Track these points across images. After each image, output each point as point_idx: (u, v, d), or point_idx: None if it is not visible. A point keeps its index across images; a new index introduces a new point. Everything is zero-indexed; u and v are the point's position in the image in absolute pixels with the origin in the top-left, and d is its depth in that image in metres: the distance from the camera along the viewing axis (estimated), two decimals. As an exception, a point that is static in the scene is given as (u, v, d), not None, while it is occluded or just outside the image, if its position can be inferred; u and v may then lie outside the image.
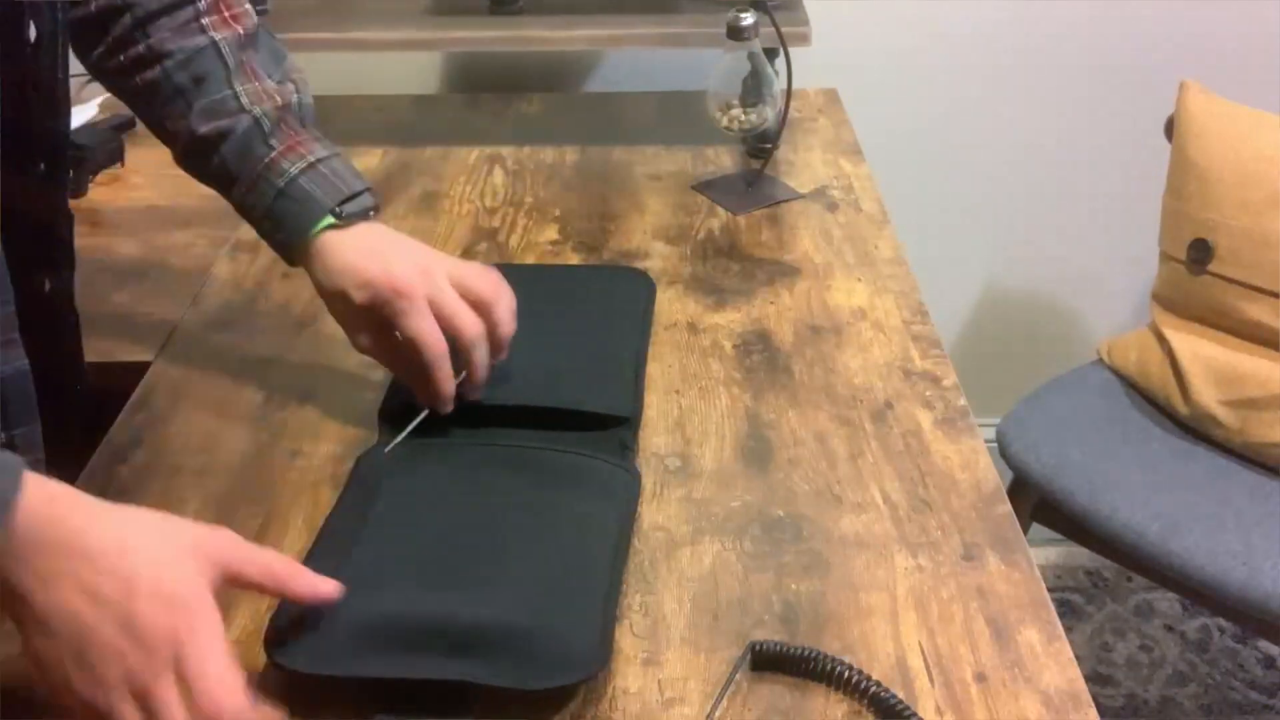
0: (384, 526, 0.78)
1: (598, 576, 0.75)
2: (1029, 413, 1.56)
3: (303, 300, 1.08)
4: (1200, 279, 1.50)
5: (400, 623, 0.70)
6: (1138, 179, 1.72)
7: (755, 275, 1.13)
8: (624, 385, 0.94)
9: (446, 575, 0.74)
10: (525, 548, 0.76)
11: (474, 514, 0.80)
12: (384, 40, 1.39)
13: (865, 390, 0.97)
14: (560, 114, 1.52)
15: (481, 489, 0.82)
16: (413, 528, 0.78)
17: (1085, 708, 0.69)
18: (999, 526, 0.83)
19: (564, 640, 0.70)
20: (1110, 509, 1.42)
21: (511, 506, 0.80)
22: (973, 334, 1.98)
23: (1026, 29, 1.72)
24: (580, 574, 0.75)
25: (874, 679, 0.70)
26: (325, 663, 0.68)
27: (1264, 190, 1.44)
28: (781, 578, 0.79)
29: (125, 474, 0.88)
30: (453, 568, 0.75)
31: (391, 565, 0.75)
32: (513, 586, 0.73)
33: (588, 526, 0.79)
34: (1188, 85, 1.54)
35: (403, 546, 0.77)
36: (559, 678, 0.68)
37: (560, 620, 0.71)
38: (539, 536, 0.78)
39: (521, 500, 0.81)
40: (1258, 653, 1.92)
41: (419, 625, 0.70)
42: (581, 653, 0.69)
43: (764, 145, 1.34)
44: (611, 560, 0.77)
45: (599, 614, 0.72)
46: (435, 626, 0.70)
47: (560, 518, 0.80)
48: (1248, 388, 1.44)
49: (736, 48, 1.22)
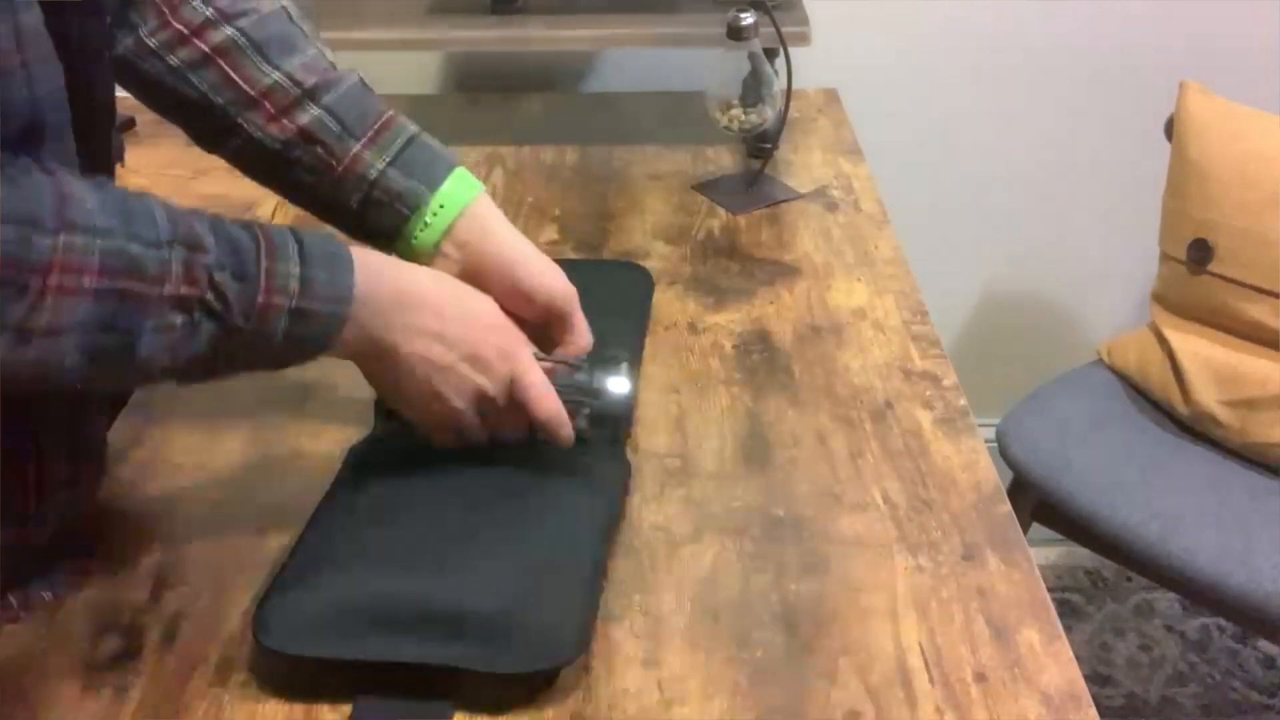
0: (370, 511, 0.79)
1: (581, 564, 0.76)
2: (1029, 413, 1.56)
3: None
4: (1200, 279, 1.50)
5: (382, 605, 0.71)
6: (1138, 179, 1.72)
7: (755, 275, 1.13)
8: None
9: (430, 559, 0.74)
10: (508, 533, 0.77)
11: (459, 500, 0.80)
12: (384, 40, 1.39)
13: (865, 390, 0.97)
14: (560, 114, 1.52)
15: (468, 476, 0.82)
16: (398, 512, 0.79)
17: (1085, 708, 0.69)
18: (999, 526, 0.83)
19: (542, 625, 0.70)
20: (1110, 509, 1.42)
21: (498, 493, 0.80)
22: (973, 334, 1.98)
23: (1026, 29, 1.72)
24: (564, 561, 0.75)
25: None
26: (308, 644, 0.69)
27: (1264, 190, 1.44)
28: (781, 578, 0.79)
29: (125, 474, 0.88)
30: (437, 552, 0.75)
31: (376, 549, 0.76)
32: (495, 571, 0.73)
33: (574, 514, 0.80)
34: (1188, 85, 1.54)
35: (388, 531, 0.77)
36: (536, 662, 0.69)
37: (540, 605, 0.71)
38: (524, 522, 0.78)
39: (508, 487, 0.81)
40: (1258, 653, 1.92)
41: (401, 608, 0.70)
42: (560, 639, 0.70)
43: (764, 145, 1.34)
44: (597, 548, 0.78)
45: (581, 601, 0.73)
46: (417, 610, 0.70)
47: (546, 504, 0.80)
48: (1248, 388, 1.44)
49: (736, 48, 1.22)
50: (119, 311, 0.64)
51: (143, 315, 0.65)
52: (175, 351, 0.67)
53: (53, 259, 0.62)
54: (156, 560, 0.80)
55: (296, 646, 0.69)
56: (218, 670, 0.72)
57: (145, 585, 0.78)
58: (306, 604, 0.71)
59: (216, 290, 0.67)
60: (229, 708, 0.70)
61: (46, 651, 0.74)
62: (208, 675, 0.72)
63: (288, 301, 0.69)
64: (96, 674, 0.72)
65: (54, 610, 0.76)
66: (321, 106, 0.83)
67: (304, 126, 0.83)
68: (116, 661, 0.73)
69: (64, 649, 0.74)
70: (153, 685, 0.71)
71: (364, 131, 0.84)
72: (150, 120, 1.38)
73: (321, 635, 0.70)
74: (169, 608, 0.77)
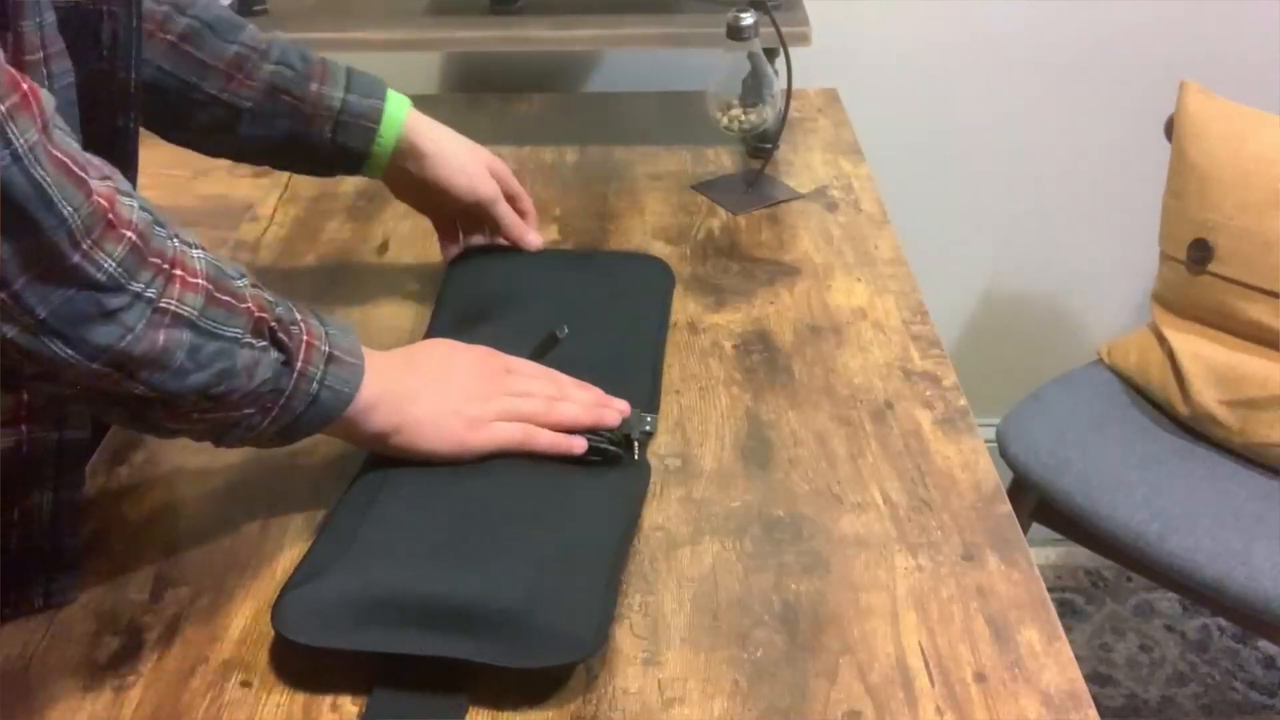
0: (391, 506, 0.79)
1: (600, 561, 0.76)
2: (1029, 413, 1.56)
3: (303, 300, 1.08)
4: (1200, 279, 1.50)
5: (402, 598, 0.71)
6: (1138, 179, 1.72)
7: (755, 275, 1.13)
8: (642, 381, 0.94)
9: (450, 554, 0.75)
10: (529, 530, 0.77)
11: (481, 497, 0.80)
12: (384, 40, 1.39)
13: (865, 390, 0.97)
14: (560, 114, 1.52)
15: (491, 473, 0.82)
16: (420, 508, 0.79)
17: (1085, 708, 0.70)
18: (999, 526, 0.83)
19: (560, 621, 0.70)
20: (1110, 509, 1.42)
21: (519, 491, 0.81)
22: (973, 334, 1.98)
23: (1026, 29, 1.72)
24: (583, 558, 0.76)
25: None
26: (327, 635, 0.70)
27: (1264, 190, 1.44)
28: (781, 578, 0.79)
29: (125, 474, 0.88)
30: (457, 547, 0.75)
31: (397, 543, 0.76)
32: (514, 566, 0.73)
33: (594, 513, 0.80)
34: (1188, 85, 1.54)
35: (409, 525, 0.77)
36: (553, 657, 0.69)
37: (558, 601, 0.72)
38: (544, 520, 0.78)
39: (529, 486, 0.81)
40: (1258, 653, 1.92)
41: (420, 601, 0.71)
42: (578, 635, 0.70)
43: (764, 145, 1.34)
44: (616, 547, 0.78)
45: (599, 598, 0.73)
46: (435, 603, 0.71)
47: (566, 503, 0.80)
48: (1248, 388, 1.44)
49: (736, 48, 1.22)
50: (225, 319, 0.68)
51: (237, 327, 0.69)
52: (252, 374, 0.70)
53: (175, 254, 0.66)
54: (156, 560, 0.80)
55: (317, 639, 0.70)
56: (218, 670, 0.72)
57: (145, 585, 0.78)
58: (325, 595, 0.71)
59: (279, 321, 0.72)
60: (229, 708, 0.70)
61: (46, 651, 0.74)
62: (208, 675, 0.72)
63: (324, 346, 0.75)
64: (96, 674, 0.72)
65: (54, 610, 0.76)
66: (274, 63, 0.96)
67: (269, 82, 0.95)
68: (116, 661, 0.73)
69: (64, 649, 0.74)
70: (153, 685, 0.71)
71: (311, 71, 0.97)
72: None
73: (340, 627, 0.70)
74: (169, 608, 0.77)
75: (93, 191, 0.61)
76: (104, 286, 0.62)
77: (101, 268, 0.61)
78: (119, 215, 0.62)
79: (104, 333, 0.62)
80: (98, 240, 0.61)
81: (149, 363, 0.65)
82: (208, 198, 0.90)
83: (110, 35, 0.75)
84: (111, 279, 0.62)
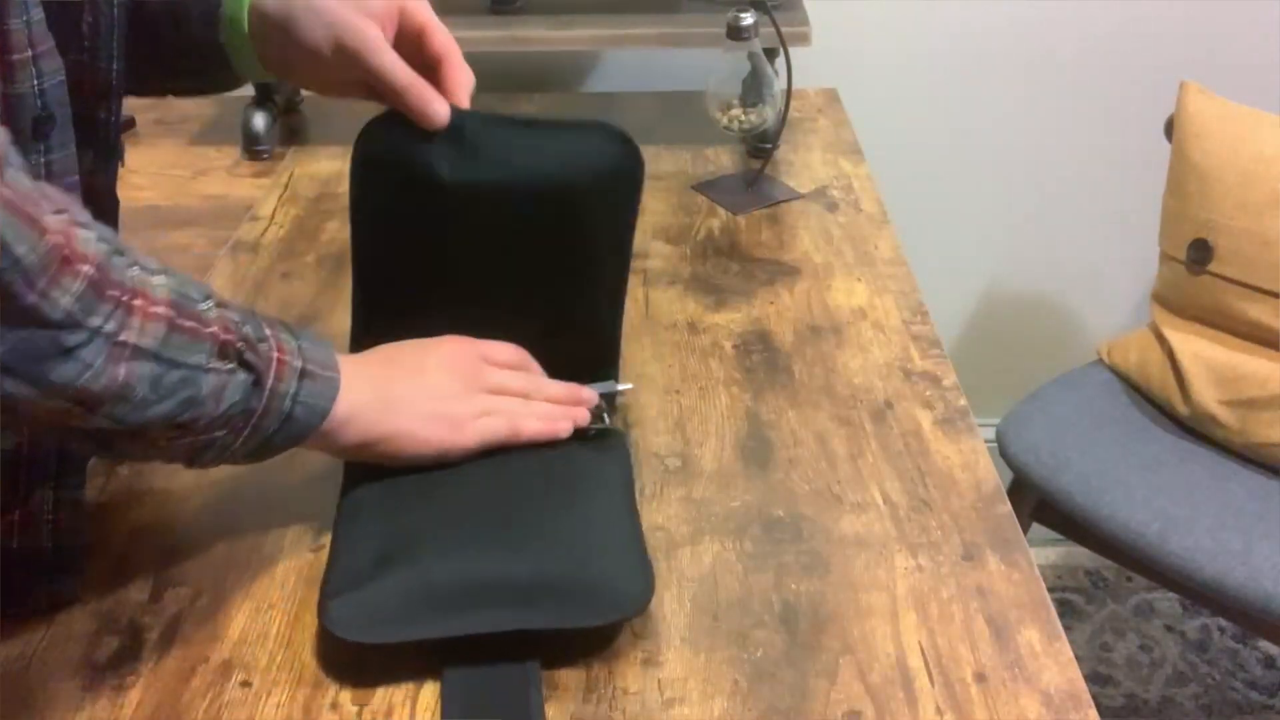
0: (399, 499, 0.80)
1: (622, 520, 0.79)
2: (1029, 413, 1.56)
3: (303, 300, 1.08)
4: (1200, 279, 1.50)
5: (461, 585, 0.72)
6: (1138, 179, 1.72)
7: (755, 275, 1.13)
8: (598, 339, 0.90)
9: (483, 536, 0.76)
10: (541, 509, 0.79)
11: (484, 480, 0.81)
12: (384, 40, 1.39)
13: (865, 390, 0.97)
14: (560, 114, 1.52)
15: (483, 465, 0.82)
16: (428, 499, 0.79)
17: (1085, 708, 0.70)
18: (999, 526, 0.83)
19: (613, 579, 0.74)
20: (1110, 509, 1.42)
21: (517, 470, 0.82)
22: (973, 334, 1.98)
23: (1026, 29, 1.72)
24: (606, 520, 0.78)
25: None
26: (381, 630, 0.71)
27: (1264, 190, 1.44)
28: (781, 578, 0.79)
29: (125, 474, 0.88)
30: (486, 529, 0.77)
31: (426, 532, 0.76)
32: (549, 541, 0.76)
33: (596, 479, 0.82)
34: (1188, 85, 1.54)
35: (429, 514, 0.78)
36: (615, 613, 0.72)
37: (603, 562, 0.75)
38: (550, 497, 0.80)
39: (523, 463, 0.82)
40: (1258, 653, 1.92)
41: (480, 586, 0.72)
42: (632, 588, 0.73)
43: (764, 145, 1.34)
44: (629, 506, 0.81)
45: (636, 553, 0.76)
46: (488, 583, 0.72)
47: (568, 473, 0.82)
48: (1248, 388, 1.44)
49: (736, 48, 1.22)
50: (188, 346, 0.66)
51: (201, 353, 0.67)
52: (219, 398, 0.68)
53: (134, 284, 0.64)
54: (156, 560, 0.80)
55: (372, 635, 0.71)
56: (217, 670, 0.72)
57: (145, 585, 0.78)
58: (372, 592, 0.72)
59: (246, 341, 0.70)
60: (229, 708, 0.70)
61: (46, 651, 0.74)
62: (207, 675, 0.72)
63: (297, 362, 0.73)
64: (96, 674, 0.72)
65: (54, 610, 0.76)
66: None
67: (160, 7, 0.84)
68: (116, 661, 0.73)
69: (64, 649, 0.74)
70: (152, 685, 0.71)
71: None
72: (150, 120, 1.39)
73: (395, 620, 0.71)
74: (169, 608, 0.77)
75: (47, 230, 0.59)
76: (61, 324, 0.60)
77: (58, 306, 0.59)
78: (75, 250, 0.60)
79: (63, 371, 0.61)
80: (54, 278, 0.59)
81: (110, 397, 0.63)
82: (208, 198, 0.90)
83: (91, 25, 0.75)
84: (69, 316, 0.60)
